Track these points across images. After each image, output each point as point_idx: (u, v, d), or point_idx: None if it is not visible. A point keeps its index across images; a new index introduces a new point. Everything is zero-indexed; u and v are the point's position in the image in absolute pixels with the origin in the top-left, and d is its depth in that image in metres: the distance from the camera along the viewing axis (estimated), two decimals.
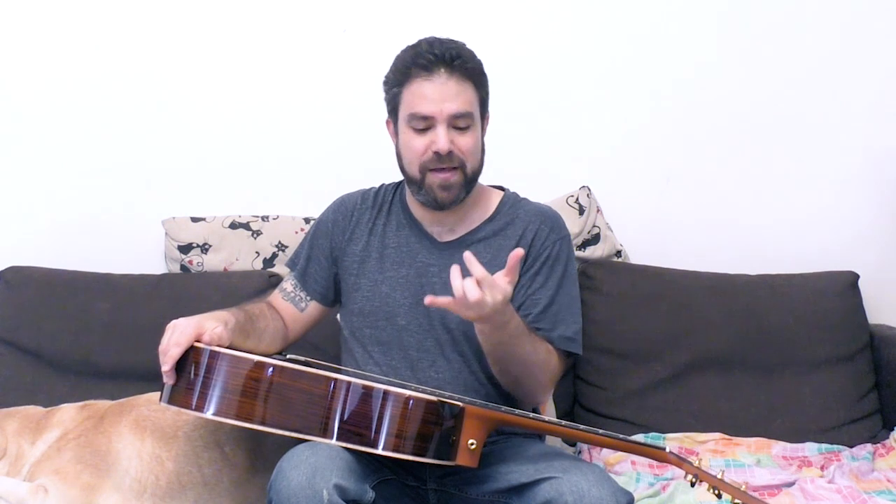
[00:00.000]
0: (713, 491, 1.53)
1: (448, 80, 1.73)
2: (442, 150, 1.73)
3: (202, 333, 1.56)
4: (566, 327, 1.81)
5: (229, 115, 2.59)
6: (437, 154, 1.73)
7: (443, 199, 1.77)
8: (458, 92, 1.73)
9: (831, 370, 2.35)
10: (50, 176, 2.59)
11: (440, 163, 1.74)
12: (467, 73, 1.75)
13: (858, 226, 2.62)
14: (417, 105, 1.74)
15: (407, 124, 1.77)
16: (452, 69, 1.73)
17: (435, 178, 1.76)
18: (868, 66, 2.60)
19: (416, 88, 1.74)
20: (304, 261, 1.92)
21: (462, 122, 1.74)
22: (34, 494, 1.75)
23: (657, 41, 2.60)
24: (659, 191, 2.63)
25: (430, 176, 1.76)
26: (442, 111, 1.72)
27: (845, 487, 1.92)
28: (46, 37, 2.56)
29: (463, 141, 1.75)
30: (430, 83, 1.73)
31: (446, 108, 1.72)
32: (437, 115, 1.73)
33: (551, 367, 1.76)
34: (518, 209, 1.88)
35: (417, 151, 1.76)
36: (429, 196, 1.78)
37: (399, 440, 1.47)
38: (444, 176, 1.75)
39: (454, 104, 1.73)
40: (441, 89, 1.72)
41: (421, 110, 1.74)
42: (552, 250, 1.83)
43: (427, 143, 1.74)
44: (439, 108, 1.72)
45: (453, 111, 1.73)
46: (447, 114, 1.73)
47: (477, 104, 1.78)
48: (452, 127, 1.74)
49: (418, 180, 1.78)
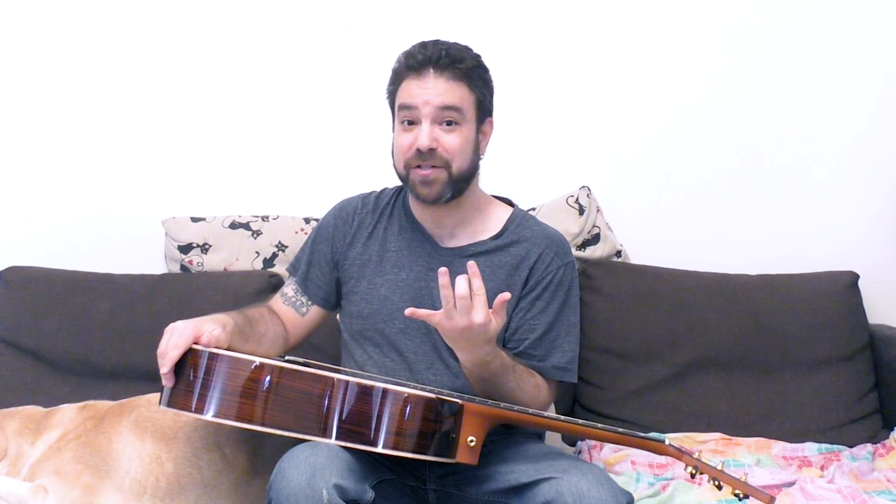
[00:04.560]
0: (713, 482, 1.53)
1: (437, 78, 1.73)
2: (422, 147, 1.72)
3: (200, 336, 1.56)
4: (561, 356, 1.80)
5: (229, 115, 2.60)
6: (419, 151, 1.73)
7: (424, 195, 1.76)
8: (447, 89, 1.73)
9: (831, 370, 2.35)
10: (50, 176, 2.59)
11: (421, 160, 1.73)
12: (459, 73, 1.74)
13: (858, 226, 2.62)
14: (404, 97, 1.75)
15: (398, 121, 1.77)
16: (441, 68, 1.73)
17: (417, 175, 1.75)
18: (868, 67, 2.60)
19: (405, 87, 1.75)
20: (305, 266, 1.92)
21: (448, 117, 1.73)
22: (34, 494, 1.75)
23: (657, 41, 2.60)
24: (659, 191, 2.63)
25: (413, 172, 1.76)
26: (427, 103, 1.72)
27: (845, 487, 1.91)
28: (46, 37, 2.56)
29: (448, 139, 1.74)
30: (417, 82, 1.74)
31: (432, 101, 1.72)
32: (420, 106, 1.72)
33: (539, 402, 1.75)
34: (525, 229, 1.86)
35: (403, 147, 1.76)
36: (412, 192, 1.78)
37: (399, 438, 1.47)
38: (425, 173, 1.74)
39: (440, 98, 1.72)
40: (429, 86, 1.73)
41: (406, 101, 1.74)
42: (555, 276, 1.82)
43: (412, 139, 1.74)
44: (424, 100, 1.72)
45: (438, 104, 1.72)
46: (432, 106, 1.72)
47: (470, 104, 1.76)
48: (439, 124, 1.73)
49: (404, 177, 1.78)
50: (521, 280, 1.81)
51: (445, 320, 1.53)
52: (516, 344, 1.80)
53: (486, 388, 1.68)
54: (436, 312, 1.54)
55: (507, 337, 1.80)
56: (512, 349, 1.78)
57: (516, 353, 1.77)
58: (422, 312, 1.55)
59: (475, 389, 1.69)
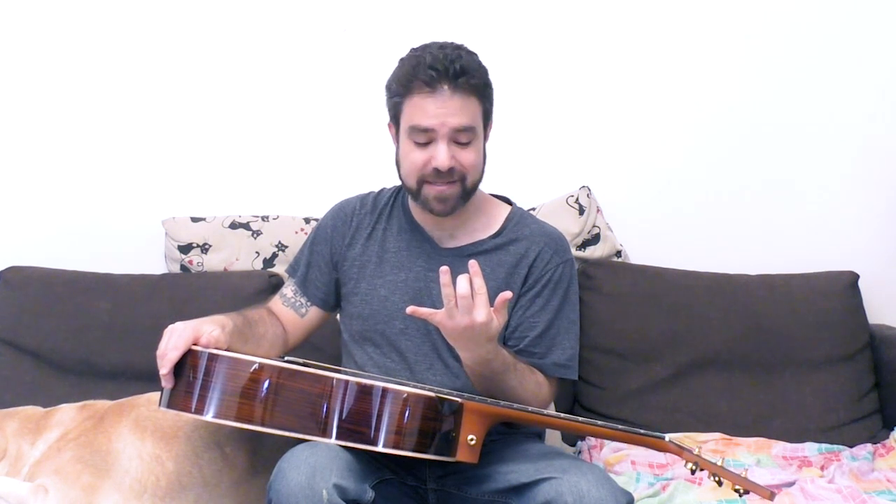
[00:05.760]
0: (714, 478, 1.53)
1: (451, 96, 1.69)
2: (442, 167, 1.71)
3: (199, 337, 1.56)
4: (561, 353, 1.80)
5: (229, 115, 2.59)
6: (437, 170, 1.71)
7: (438, 210, 1.76)
8: (462, 107, 1.70)
9: (831, 370, 2.35)
10: (50, 176, 2.59)
11: (439, 178, 1.72)
12: (472, 89, 1.71)
13: (858, 226, 2.62)
14: (418, 118, 1.71)
15: (408, 136, 1.74)
16: (456, 86, 1.69)
17: (431, 191, 1.74)
18: (868, 67, 2.60)
19: (417, 101, 1.71)
20: (304, 267, 1.92)
21: (464, 137, 1.72)
22: (34, 494, 1.74)
23: (657, 42, 2.60)
24: (659, 191, 2.63)
25: (427, 188, 1.74)
26: (444, 125, 1.69)
27: (845, 487, 1.91)
28: (46, 37, 2.56)
29: (464, 155, 1.73)
30: (431, 99, 1.70)
31: (448, 122, 1.69)
32: (438, 128, 1.70)
33: (540, 399, 1.75)
34: (524, 227, 1.86)
35: (416, 165, 1.73)
36: (425, 206, 1.77)
37: (399, 437, 1.47)
38: (440, 189, 1.73)
39: (456, 119, 1.70)
40: (443, 105, 1.69)
41: (422, 123, 1.71)
42: (554, 273, 1.82)
43: (427, 157, 1.72)
44: (441, 121, 1.69)
45: (455, 125, 1.70)
46: (449, 128, 1.70)
47: (480, 117, 1.75)
48: (454, 142, 1.72)
49: (415, 191, 1.77)
50: (521, 278, 1.81)
51: (447, 319, 1.53)
52: (516, 342, 1.80)
53: (488, 387, 1.68)
54: (437, 311, 1.54)
55: (507, 335, 1.80)
56: (512, 347, 1.78)
57: (517, 351, 1.77)
58: (423, 311, 1.55)
59: (477, 388, 1.69)
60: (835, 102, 2.60)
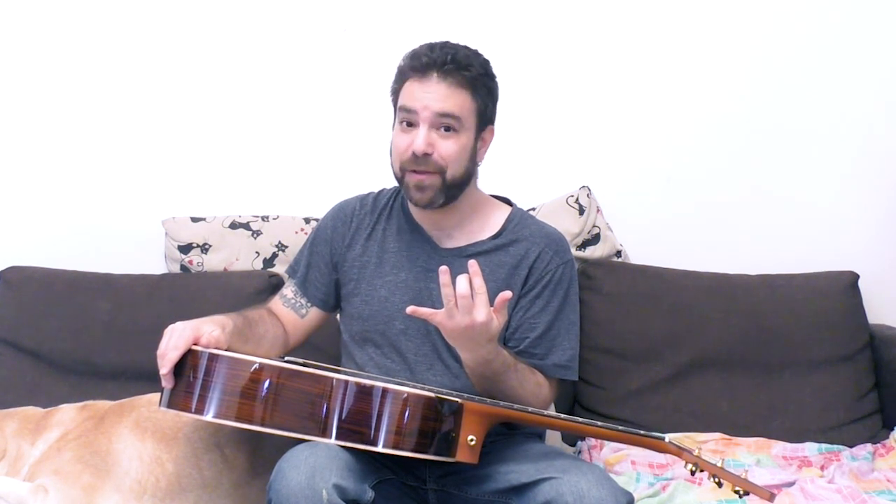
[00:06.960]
0: (714, 479, 1.53)
1: (440, 83, 1.71)
2: (417, 151, 1.71)
3: (199, 337, 1.56)
4: (561, 353, 1.80)
5: (229, 115, 2.60)
6: (414, 154, 1.72)
7: (417, 199, 1.75)
8: (448, 95, 1.71)
9: (831, 370, 2.35)
10: (50, 176, 2.59)
11: (416, 164, 1.72)
12: (463, 80, 1.72)
13: (858, 226, 2.62)
14: (404, 100, 1.74)
15: (398, 121, 1.77)
16: (445, 73, 1.71)
17: (412, 179, 1.74)
18: (868, 67, 2.60)
19: (408, 87, 1.74)
20: (304, 268, 1.92)
21: (446, 123, 1.72)
22: (34, 494, 1.74)
23: (657, 42, 2.60)
24: (659, 191, 2.63)
25: (408, 175, 1.75)
26: (426, 108, 1.71)
27: (845, 487, 1.91)
28: (46, 37, 2.56)
29: (445, 145, 1.72)
30: (419, 84, 1.72)
31: (431, 106, 1.71)
32: (420, 111, 1.71)
33: (540, 400, 1.75)
34: (524, 228, 1.86)
35: (399, 149, 1.75)
36: (407, 195, 1.78)
37: (399, 437, 1.47)
38: (419, 177, 1.73)
39: (439, 104, 1.71)
40: (429, 90, 1.71)
41: (406, 104, 1.73)
42: (554, 274, 1.82)
43: (409, 141, 1.73)
44: (423, 104, 1.71)
45: (437, 110, 1.71)
46: (431, 111, 1.71)
47: (472, 112, 1.75)
48: (436, 129, 1.72)
49: (399, 178, 1.78)
50: (521, 279, 1.81)
51: (447, 319, 1.53)
52: (517, 343, 1.80)
53: (488, 387, 1.68)
54: (437, 311, 1.54)
55: (507, 336, 1.80)
56: (512, 348, 1.78)
57: (517, 352, 1.76)
58: (423, 311, 1.55)
59: (477, 388, 1.69)
60: (835, 103, 2.60)
